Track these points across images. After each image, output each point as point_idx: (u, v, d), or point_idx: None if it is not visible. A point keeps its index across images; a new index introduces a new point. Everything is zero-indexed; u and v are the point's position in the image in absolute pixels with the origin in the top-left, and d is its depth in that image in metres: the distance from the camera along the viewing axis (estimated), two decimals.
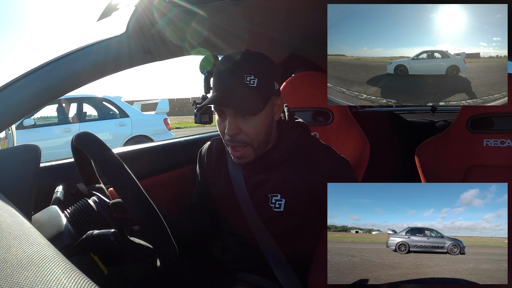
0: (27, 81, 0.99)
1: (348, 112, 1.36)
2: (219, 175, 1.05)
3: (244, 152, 0.90)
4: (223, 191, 1.03)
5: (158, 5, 0.98)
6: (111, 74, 1.16)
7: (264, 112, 0.88)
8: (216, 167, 1.07)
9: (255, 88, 0.85)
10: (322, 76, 1.38)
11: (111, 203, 0.73)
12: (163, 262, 0.66)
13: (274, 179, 0.97)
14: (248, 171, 0.99)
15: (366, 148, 1.23)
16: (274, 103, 0.93)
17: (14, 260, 0.36)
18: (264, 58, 0.92)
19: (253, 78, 0.85)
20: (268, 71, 0.90)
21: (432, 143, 1.30)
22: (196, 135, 1.73)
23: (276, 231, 0.98)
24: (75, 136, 0.72)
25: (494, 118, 1.24)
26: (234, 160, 0.95)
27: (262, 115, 0.88)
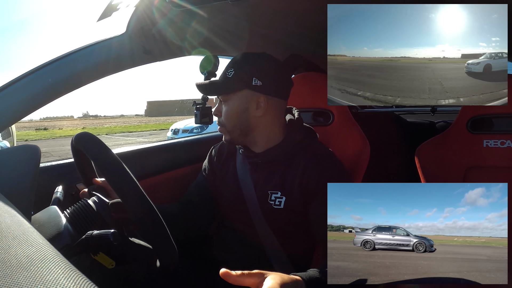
0: (28, 81, 0.99)
1: (348, 113, 1.36)
2: (227, 170, 1.13)
3: (221, 130, 1.07)
4: (230, 185, 1.09)
5: (158, 5, 0.98)
6: (112, 74, 1.16)
7: (234, 101, 1.01)
8: (225, 163, 1.15)
9: (229, 78, 1.01)
10: (322, 76, 1.38)
11: (110, 203, 0.73)
12: (163, 262, 0.66)
13: (276, 177, 1.01)
14: (253, 166, 1.06)
15: (366, 148, 1.23)
16: (252, 99, 1.01)
17: (14, 260, 0.36)
18: (251, 58, 1.03)
19: (232, 70, 1.01)
20: (247, 68, 1.01)
21: (432, 144, 1.30)
22: (196, 135, 1.73)
23: (276, 227, 1.01)
24: (75, 136, 0.73)
25: (494, 119, 1.24)
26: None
27: (232, 103, 1.02)
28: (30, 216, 0.71)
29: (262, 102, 1.01)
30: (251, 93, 1.00)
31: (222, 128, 1.06)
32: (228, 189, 1.10)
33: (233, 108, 1.02)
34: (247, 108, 1.01)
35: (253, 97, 1.01)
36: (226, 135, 1.06)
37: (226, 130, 1.05)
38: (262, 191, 1.02)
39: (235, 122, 1.03)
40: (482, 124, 1.26)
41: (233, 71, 1.01)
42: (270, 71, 1.02)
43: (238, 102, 1.01)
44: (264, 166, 1.04)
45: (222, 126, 1.05)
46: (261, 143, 1.05)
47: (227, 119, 1.03)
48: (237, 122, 1.02)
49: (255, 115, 1.02)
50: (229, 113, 1.02)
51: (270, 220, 1.01)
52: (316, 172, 0.97)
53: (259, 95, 1.01)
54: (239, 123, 1.02)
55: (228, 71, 1.01)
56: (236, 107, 1.01)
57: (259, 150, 1.05)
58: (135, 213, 0.64)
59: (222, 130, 1.06)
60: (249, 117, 1.02)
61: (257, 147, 1.05)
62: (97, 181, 0.89)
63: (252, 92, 1.00)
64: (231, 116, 1.02)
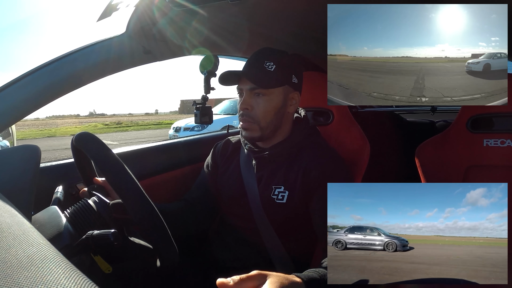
0: (28, 81, 0.99)
1: (348, 112, 1.36)
2: (229, 166, 1.13)
3: (250, 126, 1.00)
4: (232, 181, 1.10)
5: (158, 4, 0.98)
6: (112, 74, 1.16)
7: (275, 96, 0.99)
8: (229, 159, 1.15)
9: (271, 72, 0.97)
10: (322, 76, 1.38)
11: (111, 203, 0.73)
12: (163, 262, 0.66)
13: (281, 172, 1.03)
14: (259, 161, 1.06)
15: (366, 148, 1.23)
16: (289, 95, 1.02)
17: (14, 260, 0.36)
18: (287, 54, 1.04)
19: (272, 64, 0.98)
20: (288, 64, 1.02)
21: (432, 143, 1.30)
22: (196, 136, 1.73)
23: (277, 223, 1.00)
24: (75, 136, 0.73)
25: (494, 118, 1.24)
26: (242, 135, 1.05)
27: (273, 98, 0.99)
28: (31, 216, 0.71)
29: (296, 99, 1.03)
30: (289, 89, 1.01)
31: (253, 124, 1.00)
32: (230, 184, 1.10)
33: (273, 103, 0.99)
34: (285, 105, 1.01)
35: (290, 94, 1.02)
36: (256, 132, 1.00)
37: (258, 127, 1.00)
38: (266, 185, 1.03)
39: (272, 118, 1.00)
40: (482, 124, 1.26)
41: (274, 66, 0.98)
42: (302, 69, 1.07)
43: (279, 98, 1.00)
44: (270, 160, 1.05)
45: (254, 122, 0.99)
46: (274, 139, 1.05)
47: (264, 113, 0.99)
48: (273, 118, 1.00)
49: (289, 111, 1.03)
50: (268, 108, 0.99)
51: (271, 216, 1.01)
52: (318, 168, 0.98)
53: (295, 92, 1.03)
54: (275, 119, 1.00)
55: (267, 64, 0.98)
56: (276, 102, 0.99)
57: (267, 145, 1.06)
58: (135, 213, 0.64)
59: (252, 127, 1.00)
60: (284, 113, 1.02)
61: (267, 143, 1.06)
62: (98, 181, 0.89)
63: (290, 88, 1.01)
64: (269, 111, 0.99)
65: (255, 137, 1.01)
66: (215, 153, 1.19)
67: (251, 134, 1.01)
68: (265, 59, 0.99)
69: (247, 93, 0.99)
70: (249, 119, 1.00)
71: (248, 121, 1.00)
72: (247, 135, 1.02)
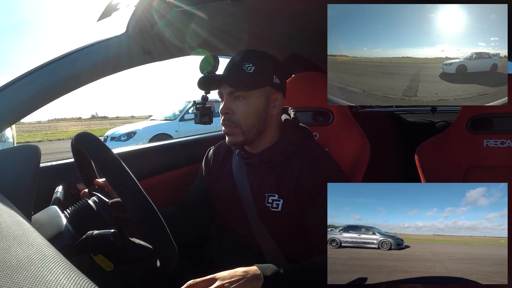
0: (27, 81, 0.99)
1: (348, 112, 1.36)
2: (223, 171, 1.10)
3: (232, 130, 0.97)
4: (226, 187, 1.07)
5: (157, 6, 0.98)
6: (111, 74, 1.16)
7: (256, 98, 0.96)
8: (222, 165, 1.12)
9: (251, 73, 0.94)
10: (322, 76, 1.38)
11: (110, 202, 0.73)
12: (163, 262, 0.66)
13: (273, 179, 0.99)
14: (249, 167, 1.03)
15: (366, 148, 1.23)
16: (271, 97, 0.99)
17: (14, 260, 0.36)
18: (267, 55, 1.01)
19: (251, 65, 0.95)
20: (267, 64, 0.99)
21: (432, 144, 1.30)
22: (196, 135, 1.72)
23: (274, 230, 0.99)
24: (75, 136, 0.72)
25: (494, 119, 1.24)
26: (226, 141, 1.02)
27: (253, 101, 0.96)
28: (30, 216, 0.71)
29: (279, 100, 1.00)
30: (271, 90, 0.98)
31: (235, 128, 0.97)
32: (224, 190, 1.07)
33: (254, 105, 0.96)
34: (267, 106, 0.98)
35: (273, 95, 0.98)
36: (239, 137, 0.98)
37: (240, 131, 0.97)
38: (258, 193, 1.00)
39: (254, 121, 0.97)
40: (482, 124, 1.26)
41: (253, 67, 0.95)
42: (284, 69, 1.04)
43: (260, 100, 0.96)
44: (260, 167, 1.02)
45: (236, 126, 0.97)
46: (261, 144, 1.01)
47: (245, 117, 0.96)
48: (255, 121, 0.97)
49: (272, 113, 1.00)
50: (248, 111, 0.95)
51: (267, 223, 0.99)
52: (311, 174, 0.95)
53: (277, 93, 0.99)
54: (257, 122, 0.97)
55: (246, 66, 0.95)
56: (257, 104, 0.96)
57: (255, 150, 1.03)
58: (135, 213, 0.64)
59: (234, 131, 0.97)
60: (267, 115, 0.99)
61: (255, 148, 1.03)
62: (98, 182, 0.88)
63: (272, 89, 0.98)
64: (250, 114, 0.96)
65: (238, 141, 0.98)
66: (208, 160, 1.17)
67: (234, 139, 0.98)
68: (244, 61, 0.96)
69: (227, 97, 0.97)
70: (230, 124, 0.97)
71: (230, 126, 0.97)
72: (230, 140, 0.99)
